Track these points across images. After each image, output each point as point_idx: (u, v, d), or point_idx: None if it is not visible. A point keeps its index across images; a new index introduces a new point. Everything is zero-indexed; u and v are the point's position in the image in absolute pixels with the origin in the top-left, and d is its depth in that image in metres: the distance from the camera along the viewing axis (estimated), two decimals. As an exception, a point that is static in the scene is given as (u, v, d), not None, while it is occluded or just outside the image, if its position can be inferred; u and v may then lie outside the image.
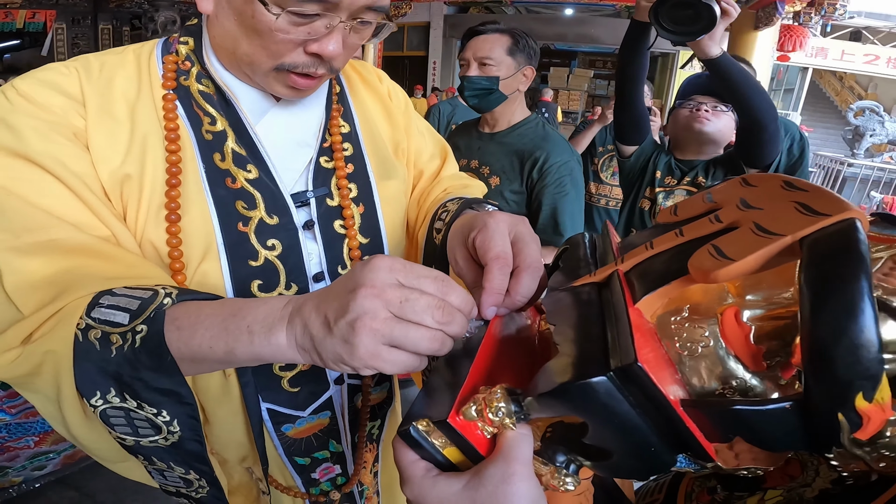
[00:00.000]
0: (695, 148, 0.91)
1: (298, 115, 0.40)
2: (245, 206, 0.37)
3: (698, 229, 0.21)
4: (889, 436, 0.16)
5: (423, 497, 0.21)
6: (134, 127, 0.35)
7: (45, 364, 0.28)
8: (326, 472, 0.50)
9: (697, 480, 0.24)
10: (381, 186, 0.43)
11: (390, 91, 0.49)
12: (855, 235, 0.16)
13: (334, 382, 0.45)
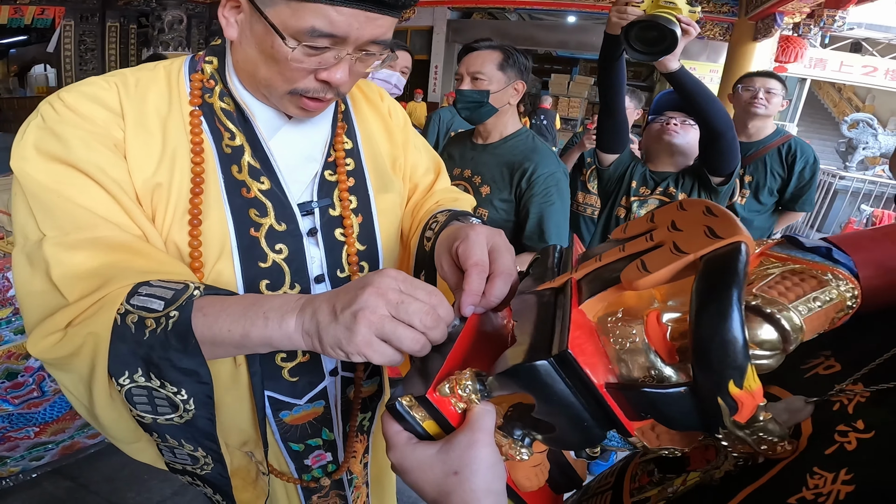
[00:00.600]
0: (666, 159, 0.97)
1: (307, 133, 0.44)
2: (257, 214, 0.41)
3: (636, 246, 0.25)
4: (762, 420, 0.19)
5: (403, 459, 0.25)
6: (165, 140, 0.39)
7: (86, 345, 0.32)
8: (318, 460, 0.53)
9: (640, 465, 0.28)
10: (379, 199, 0.48)
11: (390, 109, 0.53)
12: (736, 256, 0.20)
13: (329, 374, 0.49)
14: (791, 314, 0.20)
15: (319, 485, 0.54)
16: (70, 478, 1.11)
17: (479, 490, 0.23)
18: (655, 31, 0.67)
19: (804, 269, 0.22)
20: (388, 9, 0.36)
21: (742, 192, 1.23)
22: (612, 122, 0.93)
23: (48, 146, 0.35)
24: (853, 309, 0.21)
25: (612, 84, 0.86)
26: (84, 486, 1.09)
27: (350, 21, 0.34)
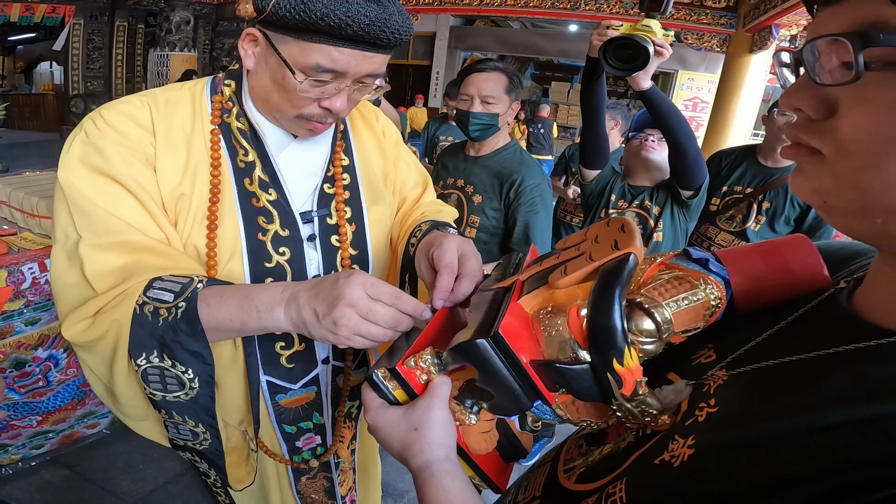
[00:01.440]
0: (643, 174, 1.04)
1: (310, 151, 0.51)
2: (265, 221, 0.48)
3: (567, 254, 0.31)
4: (641, 393, 0.25)
5: (376, 419, 0.31)
6: (189, 155, 0.45)
7: (110, 331, 0.39)
8: (308, 442, 0.60)
9: (574, 441, 0.34)
10: (371, 210, 0.54)
11: (384, 129, 0.59)
12: (624, 264, 0.25)
13: (322, 362, 0.55)
14: (663, 310, 0.26)
15: (308, 466, 0.60)
16: (67, 466, 1.15)
17: (432, 443, 0.28)
18: (630, 49, 0.74)
19: (684, 276, 0.27)
20: (382, 49, 0.42)
21: (758, 217, 1.14)
22: (593, 139, 0.99)
23: (91, 159, 0.42)
24: (718, 308, 0.27)
25: (593, 104, 0.93)
26: (81, 475, 1.13)
27: (349, 59, 0.40)
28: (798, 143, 0.21)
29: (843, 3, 0.19)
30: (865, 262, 0.26)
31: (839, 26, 0.19)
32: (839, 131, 0.19)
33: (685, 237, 1.05)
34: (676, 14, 3.98)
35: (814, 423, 0.19)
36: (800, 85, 0.21)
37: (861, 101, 0.19)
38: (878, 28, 0.18)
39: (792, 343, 0.23)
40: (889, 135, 0.18)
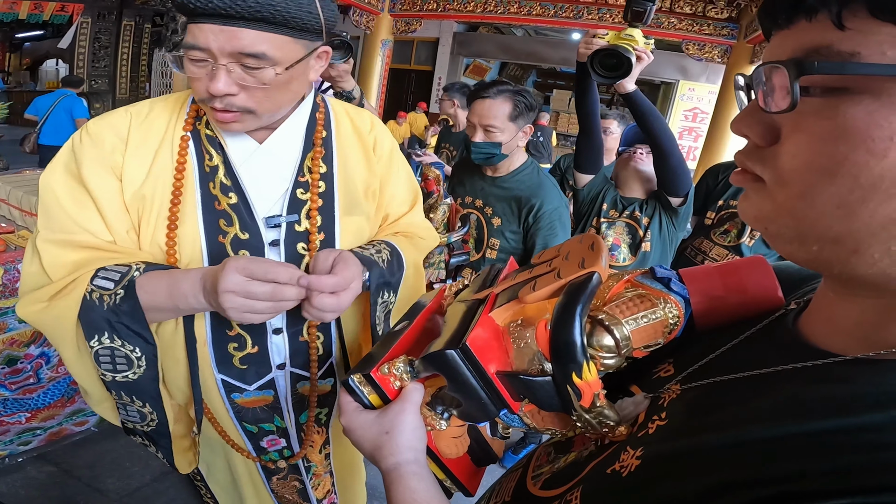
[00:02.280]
0: (634, 186, 1.06)
1: (276, 155, 0.52)
2: (225, 224, 0.50)
3: (540, 270, 0.33)
4: (599, 405, 0.26)
5: (350, 422, 0.33)
6: (156, 159, 0.49)
7: (61, 315, 0.43)
8: (273, 444, 0.61)
9: (543, 448, 0.35)
10: (343, 221, 0.55)
11: (377, 140, 0.58)
12: (587, 283, 0.27)
13: (277, 367, 0.56)
14: (623, 327, 0.27)
15: (277, 467, 0.62)
16: (54, 463, 1.15)
17: (402, 446, 0.30)
18: (615, 59, 0.79)
19: (646, 294, 0.29)
20: (245, 22, 0.40)
21: (752, 233, 1.14)
22: (588, 143, 1.02)
23: (70, 166, 0.48)
24: (676, 326, 0.28)
25: (588, 107, 0.95)
26: (67, 472, 1.13)
27: (207, 35, 0.40)
28: (744, 170, 0.22)
29: (791, 28, 0.20)
30: (817, 285, 0.27)
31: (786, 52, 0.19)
32: (779, 159, 0.20)
33: (673, 247, 1.07)
34: (679, 24, 4.05)
35: (740, 438, 0.20)
36: (749, 111, 0.21)
37: (798, 129, 0.19)
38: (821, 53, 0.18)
39: (739, 361, 0.24)
40: (822, 164, 0.18)
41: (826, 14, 0.18)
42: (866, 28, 0.17)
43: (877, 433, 0.17)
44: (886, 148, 0.17)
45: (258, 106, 0.45)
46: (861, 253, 0.19)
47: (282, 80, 0.44)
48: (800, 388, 0.21)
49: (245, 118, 0.46)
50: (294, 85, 0.47)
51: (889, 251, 0.18)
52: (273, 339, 0.54)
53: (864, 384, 0.19)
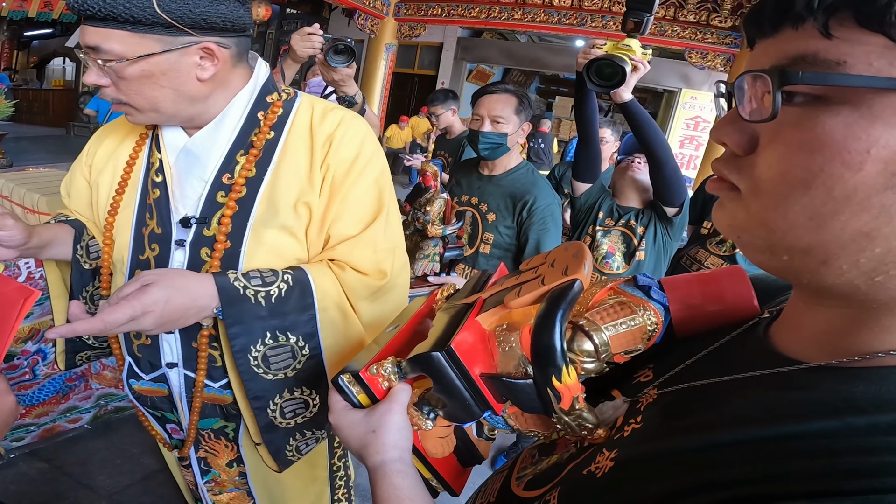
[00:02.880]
0: (631, 195, 1.08)
1: (199, 156, 0.52)
2: (148, 217, 0.54)
3: (526, 276, 0.34)
4: (578, 408, 0.27)
5: (339, 420, 0.33)
6: (114, 153, 0.57)
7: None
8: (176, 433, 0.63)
9: (528, 451, 0.36)
10: (255, 230, 0.51)
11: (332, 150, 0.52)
12: (568, 290, 0.28)
13: (166, 365, 0.56)
14: (602, 333, 0.28)
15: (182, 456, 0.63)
16: (45, 460, 1.15)
17: (388, 444, 0.30)
18: (610, 68, 0.81)
19: (627, 302, 0.30)
20: (92, 21, 0.43)
21: None
22: (587, 152, 1.04)
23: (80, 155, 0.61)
24: (655, 333, 0.29)
25: (587, 116, 0.98)
26: (58, 468, 1.14)
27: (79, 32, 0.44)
28: (721, 178, 0.22)
29: (776, 37, 0.19)
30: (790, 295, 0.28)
31: (769, 60, 0.19)
32: (755, 169, 0.20)
33: (667, 257, 1.08)
34: (682, 32, 4.09)
35: (708, 442, 0.21)
36: (728, 119, 0.21)
37: (776, 139, 0.19)
38: (807, 62, 0.18)
39: (713, 367, 0.25)
40: (796, 176, 0.18)
41: (812, 22, 0.18)
42: (853, 37, 0.17)
43: (832, 439, 0.18)
44: (862, 161, 0.17)
45: (130, 99, 0.47)
46: (830, 264, 0.19)
47: (136, 73, 0.44)
48: (764, 393, 0.21)
49: (131, 111, 0.48)
50: (165, 80, 0.45)
51: (857, 263, 0.18)
52: (164, 336, 0.55)
53: (824, 391, 0.20)
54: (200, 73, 0.47)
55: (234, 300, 0.47)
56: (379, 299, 0.56)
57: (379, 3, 4.98)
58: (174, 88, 0.47)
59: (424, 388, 0.34)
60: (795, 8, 0.18)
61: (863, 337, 0.20)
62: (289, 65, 1.00)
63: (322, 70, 0.95)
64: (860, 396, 0.19)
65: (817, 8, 0.18)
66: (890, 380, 0.19)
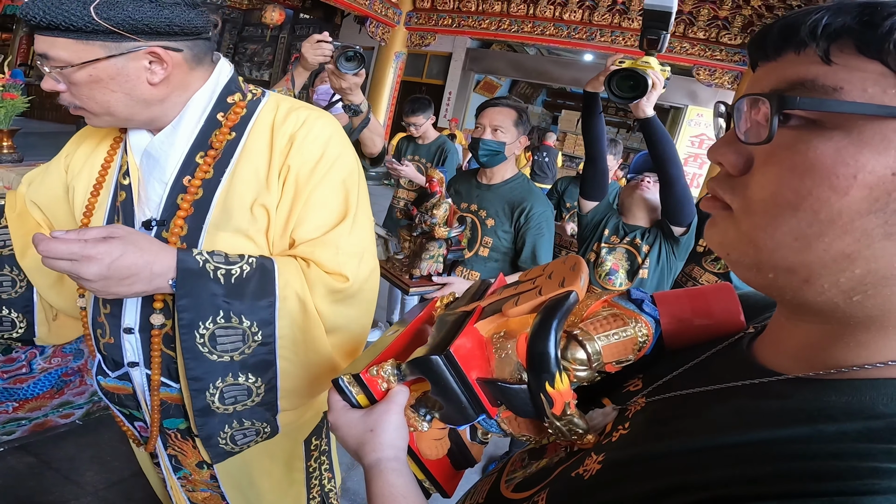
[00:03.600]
0: (639, 214, 1.10)
1: (158, 158, 0.52)
2: (116, 219, 0.55)
3: (524, 286, 0.36)
4: (569, 413, 0.29)
5: (337, 419, 0.35)
6: (90, 156, 0.58)
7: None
8: (144, 430, 0.63)
9: (518, 455, 0.37)
10: (210, 233, 0.51)
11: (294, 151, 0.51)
12: (564, 301, 0.30)
13: (128, 364, 0.56)
14: (595, 342, 0.30)
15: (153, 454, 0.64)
16: (34, 454, 1.16)
17: (384, 443, 0.32)
18: (632, 80, 0.84)
19: (619, 314, 0.31)
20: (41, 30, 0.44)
21: None
22: (594, 171, 1.07)
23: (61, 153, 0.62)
24: (645, 344, 0.31)
25: (595, 135, 1.01)
26: (46, 463, 1.14)
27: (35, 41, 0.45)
28: (715, 197, 0.23)
29: (778, 61, 0.20)
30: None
31: (770, 84, 0.20)
32: (748, 189, 0.21)
33: (671, 276, 1.09)
34: (691, 49, 4.19)
35: (689, 446, 0.22)
36: (726, 139, 0.22)
37: (770, 161, 0.20)
38: (805, 87, 0.19)
39: (698, 377, 0.27)
40: (785, 197, 0.19)
41: (814, 48, 0.19)
42: (852, 64, 0.18)
43: (804, 444, 0.19)
44: (848, 186, 0.18)
45: (84, 104, 0.48)
46: (812, 283, 0.20)
47: (84, 78, 0.45)
48: (744, 402, 0.23)
49: (87, 115, 0.49)
50: (115, 85, 0.46)
51: (837, 283, 0.20)
52: (125, 336, 0.55)
53: (798, 400, 0.21)
54: (151, 77, 0.47)
55: (191, 273, 0.46)
56: (342, 302, 0.54)
57: (391, 11, 5.14)
58: (125, 93, 0.47)
59: (422, 391, 0.35)
60: (800, 34, 0.19)
61: (838, 351, 0.21)
62: (299, 72, 1.04)
63: (331, 77, 0.97)
64: (832, 406, 0.20)
65: (821, 34, 0.19)
66: (861, 391, 0.20)
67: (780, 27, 0.20)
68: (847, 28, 0.18)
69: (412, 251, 1.06)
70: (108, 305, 0.55)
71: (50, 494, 1.06)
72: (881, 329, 0.20)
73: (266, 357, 0.51)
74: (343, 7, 4.73)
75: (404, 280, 1.02)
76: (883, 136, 0.18)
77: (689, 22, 4.11)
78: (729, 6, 4.06)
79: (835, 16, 0.19)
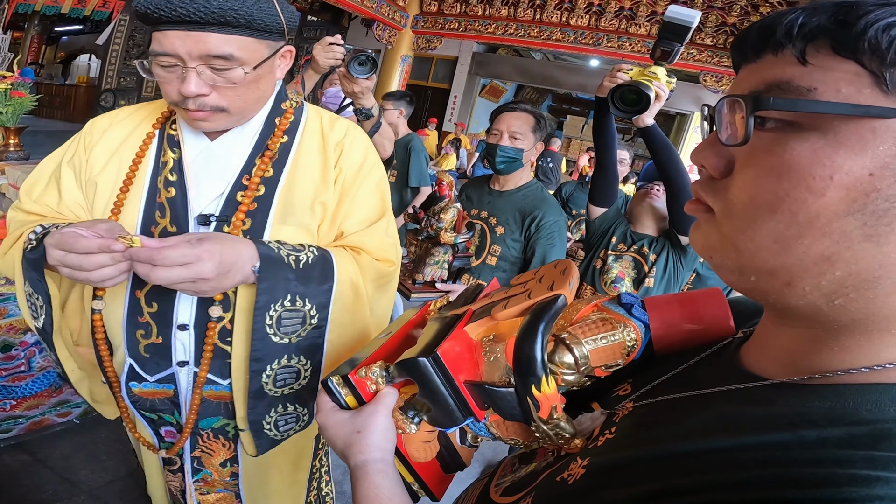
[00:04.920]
0: (647, 222, 1.10)
1: (223, 156, 0.56)
2: (159, 216, 0.55)
3: (514, 290, 0.36)
4: (556, 417, 0.29)
5: (325, 420, 0.35)
6: (117, 151, 0.56)
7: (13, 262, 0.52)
8: (170, 435, 0.63)
9: (509, 460, 0.37)
10: (274, 228, 0.55)
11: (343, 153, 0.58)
12: (552, 304, 0.30)
13: (178, 364, 0.57)
14: (582, 346, 0.30)
15: (172, 459, 0.64)
16: (29, 452, 1.17)
17: (371, 445, 0.32)
18: (635, 94, 0.84)
19: (608, 318, 0.32)
20: (209, 26, 0.44)
21: None
22: (603, 176, 1.06)
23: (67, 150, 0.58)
24: (634, 349, 0.31)
25: (605, 141, 1.01)
26: (41, 462, 1.15)
27: (173, 41, 0.44)
28: (698, 200, 0.23)
29: (758, 62, 0.20)
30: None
31: (749, 86, 0.20)
32: (729, 192, 0.21)
33: (679, 285, 1.08)
34: (698, 56, 4.19)
35: (672, 451, 0.22)
36: (708, 142, 0.22)
37: (749, 163, 0.20)
38: (781, 88, 0.19)
39: (685, 382, 0.27)
40: (764, 199, 0.19)
41: (791, 49, 0.19)
42: (827, 64, 0.18)
43: (784, 450, 0.19)
44: (825, 187, 0.18)
45: (230, 104, 0.50)
46: (794, 286, 0.20)
47: (251, 78, 0.48)
48: (728, 407, 0.23)
49: (217, 116, 0.50)
50: (262, 83, 0.51)
51: (818, 285, 0.19)
52: (177, 334, 0.55)
53: (781, 406, 0.21)
54: (278, 73, 0.54)
55: (271, 259, 0.50)
56: (382, 287, 0.60)
57: (398, 14, 5.23)
58: (263, 90, 0.52)
59: (411, 393, 0.36)
60: (776, 35, 0.19)
61: (823, 356, 0.22)
62: (310, 75, 1.04)
63: (342, 81, 0.98)
64: (814, 411, 0.20)
65: (796, 35, 0.19)
66: (844, 396, 0.20)
67: (758, 28, 0.21)
68: (822, 28, 0.18)
69: (417, 256, 1.06)
70: (155, 303, 0.55)
71: (43, 493, 1.06)
72: (865, 333, 0.20)
73: (316, 340, 0.55)
74: (350, 10, 4.81)
75: (406, 285, 1.02)
76: (859, 137, 0.18)
77: (697, 28, 4.12)
78: (737, 12, 4.08)
79: (810, 16, 0.19)
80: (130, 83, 5.93)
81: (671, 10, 0.79)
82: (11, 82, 1.49)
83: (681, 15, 0.78)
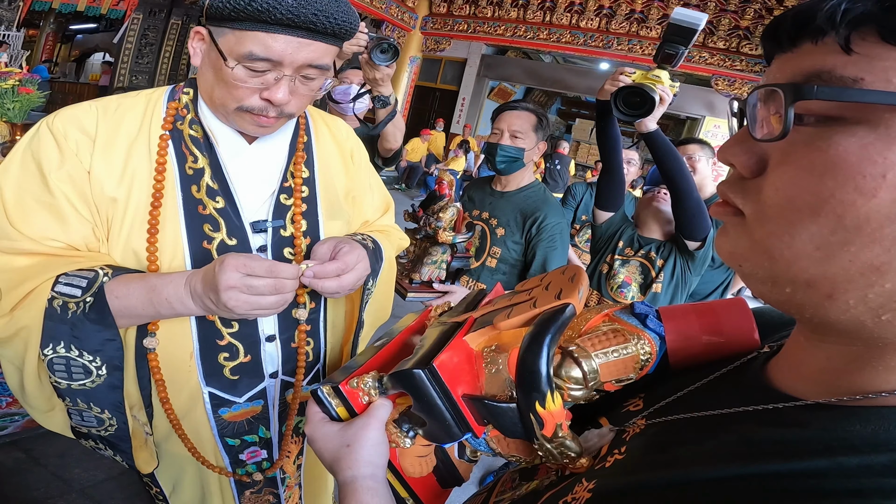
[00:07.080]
0: (654, 227, 1.08)
1: (265, 158, 0.53)
2: (211, 229, 0.50)
3: (519, 298, 0.34)
4: (561, 435, 0.27)
5: (314, 432, 0.34)
6: (128, 161, 0.47)
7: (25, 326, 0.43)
8: (253, 456, 0.60)
9: (509, 475, 0.35)
10: (327, 225, 0.57)
11: (353, 150, 0.62)
12: (559, 314, 0.28)
13: (269, 376, 0.56)
14: (591, 360, 0.28)
15: (252, 480, 0.60)
16: (24, 450, 1.17)
17: (361, 460, 0.30)
18: (639, 97, 0.82)
19: (620, 329, 0.30)
20: (320, 36, 0.43)
21: None
22: (609, 180, 1.05)
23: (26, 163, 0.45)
24: (648, 363, 0.29)
25: (610, 145, 0.99)
26: (35, 459, 1.15)
27: (284, 46, 0.42)
28: (726, 202, 0.21)
29: (794, 52, 0.19)
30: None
31: (784, 76, 0.19)
32: (762, 192, 0.19)
33: (687, 291, 1.05)
34: (710, 59, 4.15)
35: (687, 478, 0.20)
36: (738, 138, 0.21)
37: (786, 160, 0.18)
38: (822, 78, 0.17)
39: (703, 400, 0.25)
40: (804, 200, 0.17)
41: (833, 37, 0.17)
42: (874, 53, 0.17)
43: (821, 479, 0.17)
44: (876, 186, 0.16)
45: (297, 109, 0.48)
46: (836, 298, 0.18)
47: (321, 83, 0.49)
48: (753, 429, 0.21)
49: (280, 122, 0.49)
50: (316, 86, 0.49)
51: (865, 298, 0.18)
52: (266, 346, 0.54)
53: (816, 429, 0.19)
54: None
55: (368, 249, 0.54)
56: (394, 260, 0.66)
57: (407, 15, 5.27)
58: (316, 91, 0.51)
59: (406, 405, 0.34)
60: (817, 21, 0.18)
61: (864, 376, 0.20)
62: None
63: (364, 68, 0.97)
64: (855, 436, 0.18)
65: (840, 21, 0.17)
66: (889, 419, 0.18)
67: (794, 15, 0.19)
68: (868, 14, 0.17)
69: (415, 255, 1.05)
70: (235, 323, 0.51)
71: (35, 491, 1.06)
72: None
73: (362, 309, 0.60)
74: (359, 11, 4.87)
75: (403, 284, 0.99)
76: None
77: (709, 31, 4.09)
78: (751, 16, 4.04)
79: (854, 1, 0.17)
80: (142, 82, 6.03)
81: (677, 11, 0.77)
82: (20, 78, 1.51)
83: (687, 17, 0.76)
